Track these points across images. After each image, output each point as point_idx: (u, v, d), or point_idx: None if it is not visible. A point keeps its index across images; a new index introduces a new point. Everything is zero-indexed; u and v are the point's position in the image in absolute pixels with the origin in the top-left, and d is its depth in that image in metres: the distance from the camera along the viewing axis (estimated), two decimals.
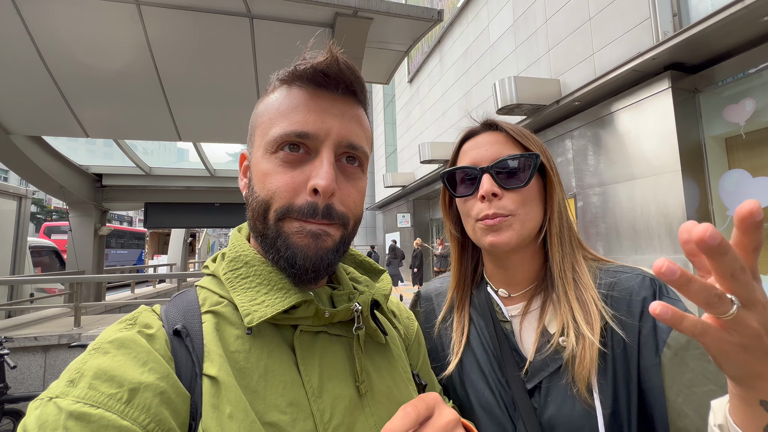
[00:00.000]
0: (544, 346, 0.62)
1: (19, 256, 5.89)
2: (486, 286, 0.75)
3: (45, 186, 6.00)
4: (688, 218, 4.86)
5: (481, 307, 0.72)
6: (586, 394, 0.57)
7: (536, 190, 0.67)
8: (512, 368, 0.64)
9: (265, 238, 0.47)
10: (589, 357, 0.57)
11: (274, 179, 0.45)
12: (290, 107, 0.46)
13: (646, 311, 0.59)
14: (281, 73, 0.49)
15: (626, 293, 0.61)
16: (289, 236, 0.45)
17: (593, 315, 0.60)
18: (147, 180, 7.37)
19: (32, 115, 4.61)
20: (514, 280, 0.70)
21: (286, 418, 0.42)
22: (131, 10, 3.33)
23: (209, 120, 5.04)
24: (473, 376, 0.67)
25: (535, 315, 0.67)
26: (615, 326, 0.59)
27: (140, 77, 3.99)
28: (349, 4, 3.36)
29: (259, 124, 0.49)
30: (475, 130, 0.72)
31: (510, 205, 0.64)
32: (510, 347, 0.66)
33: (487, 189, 0.64)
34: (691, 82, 5.12)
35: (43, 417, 0.34)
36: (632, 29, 5.41)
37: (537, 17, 7.40)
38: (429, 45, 12.87)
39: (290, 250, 0.45)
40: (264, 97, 0.51)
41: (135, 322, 0.44)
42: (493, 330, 0.68)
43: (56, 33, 3.49)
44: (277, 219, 0.46)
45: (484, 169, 0.65)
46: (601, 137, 6.13)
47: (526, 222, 0.65)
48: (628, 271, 0.64)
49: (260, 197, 0.46)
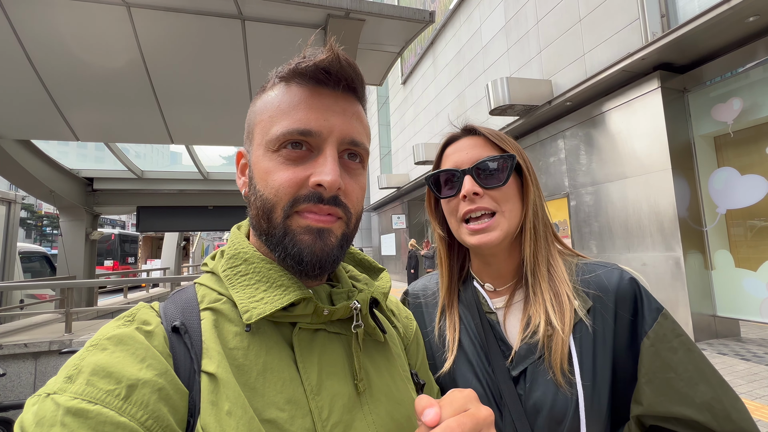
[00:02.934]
0: (528, 335, 0.66)
1: (8, 262, 5.79)
2: (472, 281, 0.78)
3: (35, 190, 5.91)
4: (679, 216, 4.93)
5: (468, 301, 0.75)
6: (562, 381, 0.61)
7: (515, 188, 0.71)
8: (497, 357, 0.67)
9: (270, 236, 0.47)
10: (560, 347, 0.61)
11: (276, 177, 0.45)
12: (291, 105, 0.46)
13: (622, 304, 0.64)
14: (280, 70, 0.49)
15: (602, 287, 0.66)
16: (296, 234, 0.46)
17: (565, 307, 0.64)
18: (139, 183, 7.30)
19: (21, 119, 4.54)
20: (498, 274, 0.74)
21: (284, 415, 0.41)
22: (121, 12, 3.30)
23: (201, 122, 5.01)
24: (462, 368, 0.69)
25: (519, 307, 0.71)
26: (587, 319, 0.64)
27: (131, 80, 3.95)
28: (341, 6, 3.36)
29: (259, 122, 0.49)
30: (456, 135, 0.76)
31: (491, 203, 0.69)
32: (496, 337, 0.69)
33: (469, 189, 0.68)
34: (679, 81, 5.20)
35: (40, 413, 0.34)
36: (622, 30, 5.49)
37: (528, 19, 7.47)
38: (422, 46, 12.92)
39: (297, 248, 0.46)
40: (261, 94, 0.51)
41: (133, 318, 0.44)
42: (479, 322, 0.71)
43: (45, 35, 3.45)
44: (285, 216, 0.46)
45: (465, 171, 0.70)
46: (593, 137, 6.19)
47: (511, 219, 0.69)
48: (605, 266, 0.69)
49: (264, 195, 0.46)
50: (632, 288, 0.65)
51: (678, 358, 0.59)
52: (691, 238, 4.96)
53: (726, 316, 4.85)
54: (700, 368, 0.59)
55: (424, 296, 0.83)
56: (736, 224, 4.88)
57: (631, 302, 0.64)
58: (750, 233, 4.73)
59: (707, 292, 4.96)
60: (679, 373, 0.59)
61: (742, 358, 4.23)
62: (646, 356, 0.60)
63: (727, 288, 4.84)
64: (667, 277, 5.04)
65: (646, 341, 0.61)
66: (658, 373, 0.59)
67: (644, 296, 0.64)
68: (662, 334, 0.61)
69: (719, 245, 4.96)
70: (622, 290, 0.65)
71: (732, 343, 4.79)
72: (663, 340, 0.61)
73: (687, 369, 0.59)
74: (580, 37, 6.24)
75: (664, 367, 0.59)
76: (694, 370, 0.59)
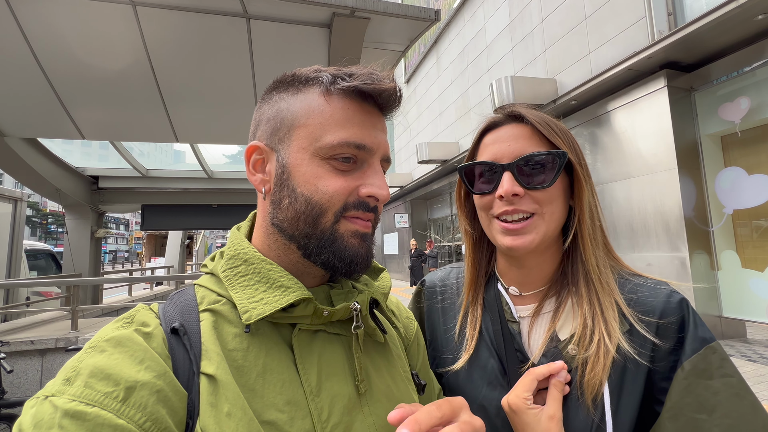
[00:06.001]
0: (551, 350, 0.60)
1: (14, 260, 5.84)
2: (496, 283, 0.71)
3: (41, 189, 5.96)
4: (685, 216, 4.89)
5: (490, 304, 0.70)
6: (590, 403, 0.54)
7: (560, 188, 0.62)
8: (515, 367, 0.62)
9: (313, 238, 0.47)
10: (602, 364, 0.55)
11: (329, 183, 0.47)
12: (346, 118, 0.48)
13: (665, 330, 0.56)
14: (330, 77, 0.48)
15: (645, 307, 0.58)
16: (345, 238, 0.48)
17: (613, 322, 0.57)
18: (144, 182, 7.33)
19: (27, 117, 4.57)
20: (528, 279, 0.67)
21: (284, 416, 0.41)
22: (127, 11, 3.31)
23: (206, 121, 5.02)
24: (474, 374, 0.66)
25: (547, 318, 0.64)
26: (629, 338, 0.57)
27: (136, 78, 3.97)
28: (347, 4, 3.36)
29: (302, 125, 0.48)
30: (497, 120, 0.66)
31: (532, 205, 0.61)
32: (515, 348, 0.64)
33: (507, 189, 0.60)
34: (686, 80, 5.15)
35: (38, 416, 0.33)
36: (628, 28, 5.44)
37: (533, 17, 7.42)
38: (425, 45, 12.89)
39: (348, 251, 0.48)
40: (296, 94, 0.49)
41: (132, 320, 0.44)
42: (500, 329, 0.66)
43: (52, 34, 3.47)
44: (336, 221, 0.47)
45: (506, 167, 0.61)
46: (598, 136, 6.15)
47: (551, 222, 0.61)
48: (652, 282, 0.61)
49: (313, 199, 0.47)
50: (680, 311, 0.56)
51: (718, 401, 0.50)
52: (697, 238, 4.92)
53: (732, 317, 4.81)
54: (747, 421, 0.49)
55: (441, 289, 0.79)
56: (742, 224, 4.83)
57: (676, 327, 0.56)
58: (757, 233, 4.68)
59: (713, 293, 4.92)
60: (713, 418, 0.50)
61: (748, 359, 4.19)
62: (677, 389, 0.52)
63: (733, 289, 4.80)
64: (673, 278, 4.97)
65: (680, 372, 0.53)
66: (685, 411, 0.51)
67: (692, 322, 0.56)
68: (702, 369, 0.52)
69: (725, 245, 4.91)
70: (668, 313, 0.56)
71: (738, 344, 4.75)
72: (702, 375, 0.52)
73: (728, 417, 0.49)
74: (586, 35, 6.19)
75: (695, 406, 0.51)
76: (738, 419, 0.49)
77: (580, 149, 0.65)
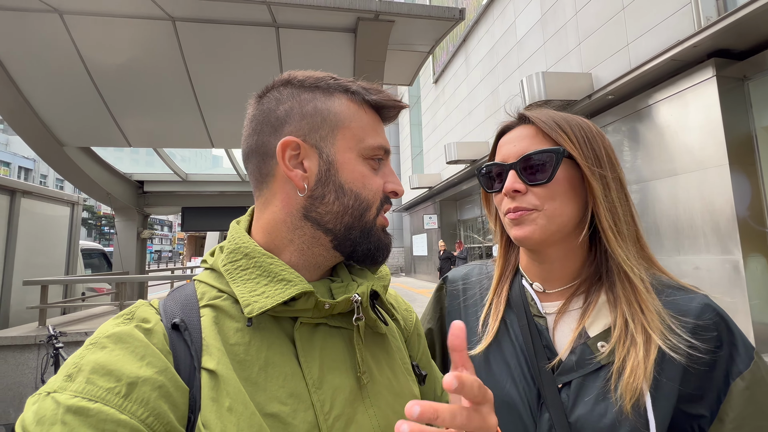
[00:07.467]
0: (579, 347, 0.60)
1: (72, 258, 6.38)
2: (521, 279, 0.73)
3: (94, 193, 6.46)
4: (738, 215, 4.50)
5: (515, 300, 0.70)
6: (629, 409, 0.53)
7: (567, 183, 0.63)
8: (542, 363, 0.62)
9: (355, 229, 0.51)
10: (643, 367, 0.54)
11: (373, 181, 0.52)
12: (373, 125, 0.54)
13: (702, 335, 0.57)
14: (362, 89, 0.54)
15: (684, 308, 0.59)
16: (379, 230, 0.54)
17: (654, 323, 0.57)
18: (184, 186, 7.76)
19: (81, 128, 4.98)
20: (551, 276, 0.68)
21: (286, 409, 0.42)
22: (167, 26, 3.55)
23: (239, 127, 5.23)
24: (496, 369, 0.66)
25: (575, 315, 0.64)
26: (667, 340, 0.56)
27: (176, 87, 4.23)
28: (371, 8, 3.40)
29: (346, 127, 0.51)
30: (511, 124, 0.71)
31: (534, 200, 0.63)
32: (542, 343, 0.64)
33: (508, 186, 0.64)
34: (738, 69, 4.74)
35: (41, 412, 0.34)
36: (671, 16, 5.10)
37: (566, 10, 7.13)
38: (454, 44, 12.72)
39: (383, 241, 0.54)
40: (331, 98, 0.52)
41: (132, 316, 0.44)
42: (525, 324, 0.66)
43: (102, 50, 3.78)
44: (377, 214, 0.53)
45: (509, 166, 0.66)
46: (639, 131, 5.80)
47: (554, 217, 0.62)
48: (688, 290, 0.61)
49: (362, 195, 0.51)
50: (720, 320, 0.58)
51: None
52: (752, 240, 4.51)
53: None
54: None
55: (464, 285, 0.80)
56: None
57: (714, 335, 0.57)
58: None
59: None
60: None
61: None
62: (738, 400, 0.54)
63: None
64: (724, 283, 4.62)
65: (740, 382, 0.55)
66: (749, 420, 0.54)
67: (737, 332, 0.57)
68: (759, 377, 0.55)
69: None
70: (704, 319, 0.57)
71: None
72: (760, 383, 0.55)
73: None
74: (624, 25, 5.87)
75: (758, 414, 0.54)
76: None
77: (603, 144, 0.65)
